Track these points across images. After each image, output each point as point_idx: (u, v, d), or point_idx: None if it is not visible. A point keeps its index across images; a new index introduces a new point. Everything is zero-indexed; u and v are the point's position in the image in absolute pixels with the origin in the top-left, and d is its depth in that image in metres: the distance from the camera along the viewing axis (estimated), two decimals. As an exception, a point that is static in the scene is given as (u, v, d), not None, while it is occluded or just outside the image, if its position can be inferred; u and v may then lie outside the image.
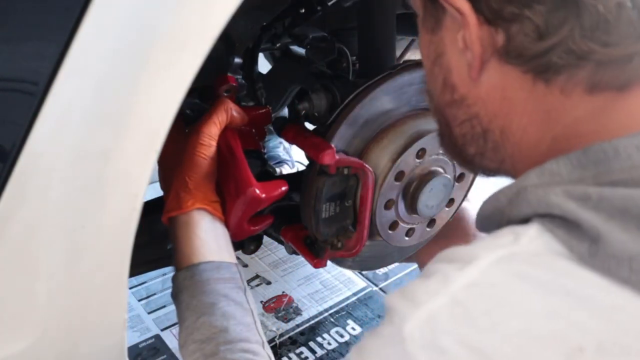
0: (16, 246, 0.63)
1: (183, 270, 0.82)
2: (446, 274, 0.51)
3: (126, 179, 0.65)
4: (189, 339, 0.77)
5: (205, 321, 0.77)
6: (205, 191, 0.85)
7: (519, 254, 0.50)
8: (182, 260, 0.83)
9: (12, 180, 0.59)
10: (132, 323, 1.51)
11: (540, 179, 0.53)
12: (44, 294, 0.67)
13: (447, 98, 0.64)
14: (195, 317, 0.78)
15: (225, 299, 0.79)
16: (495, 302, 0.48)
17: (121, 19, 0.56)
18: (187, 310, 0.79)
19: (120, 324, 0.75)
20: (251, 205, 0.86)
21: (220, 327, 0.76)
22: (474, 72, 0.58)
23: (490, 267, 0.50)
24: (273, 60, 1.49)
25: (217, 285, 0.80)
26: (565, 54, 0.52)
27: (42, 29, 0.55)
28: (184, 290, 0.81)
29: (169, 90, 0.62)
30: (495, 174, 0.68)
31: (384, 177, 0.90)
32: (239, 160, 0.86)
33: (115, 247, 0.69)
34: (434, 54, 0.63)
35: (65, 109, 0.58)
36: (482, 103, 0.60)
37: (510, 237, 0.51)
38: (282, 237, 1.00)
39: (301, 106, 0.92)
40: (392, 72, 0.88)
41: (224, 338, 0.75)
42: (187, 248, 0.83)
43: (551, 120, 0.56)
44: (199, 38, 0.61)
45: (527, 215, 0.53)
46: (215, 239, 0.85)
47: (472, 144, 0.64)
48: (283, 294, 1.64)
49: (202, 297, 0.79)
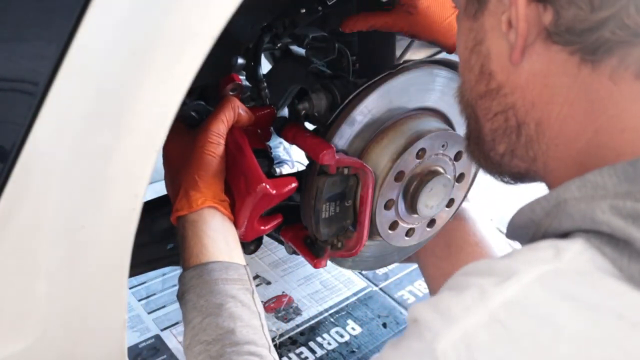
0: (16, 246, 0.63)
1: (191, 269, 0.80)
2: (483, 289, 0.48)
3: (126, 179, 0.65)
4: (195, 340, 0.75)
5: (212, 322, 0.75)
6: (215, 190, 0.84)
7: (563, 271, 0.47)
8: (190, 259, 0.81)
9: (12, 180, 0.59)
10: (132, 323, 1.50)
11: (581, 191, 0.50)
12: (44, 294, 0.67)
13: (481, 88, 0.61)
14: (202, 317, 0.76)
15: (233, 300, 0.77)
16: (540, 323, 0.45)
17: (121, 19, 0.56)
18: (193, 310, 0.77)
19: (120, 324, 0.75)
20: (262, 202, 0.85)
21: (227, 328, 0.74)
22: (516, 54, 0.55)
23: (533, 284, 0.46)
24: (273, 60, 1.49)
25: (225, 286, 0.78)
26: (618, 29, 0.48)
27: (42, 29, 0.55)
28: (191, 290, 0.79)
29: (169, 89, 0.62)
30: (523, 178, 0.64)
31: (384, 177, 0.90)
32: (249, 157, 0.86)
33: (115, 247, 0.69)
34: (472, 41, 0.61)
35: (65, 109, 0.58)
36: (520, 92, 0.57)
37: (550, 251, 0.48)
38: (282, 237, 1.00)
39: (301, 106, 0.92)
40: (392, 72, 0.88)
41: (231, 340, 0.73)
42: (196, 247, 0.81)
43: (594, 111, 0.53)
44: (199, 37, 0.61)
45: (568, 230, 0.50)
46: (225, 238, 0.84)
47: (503, 139, 0.61)
48: (283, 294, 1.64)
49: (209, 297, 0.77)
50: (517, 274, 0.47)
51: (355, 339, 1.50)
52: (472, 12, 0.60)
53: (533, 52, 0.55)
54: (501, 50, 0.58)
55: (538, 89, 0.56)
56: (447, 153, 0.95)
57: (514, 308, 0.46)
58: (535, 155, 0.59)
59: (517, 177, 0.65)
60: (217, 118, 0.86)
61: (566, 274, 0.47)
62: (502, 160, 0.63)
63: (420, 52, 1.51)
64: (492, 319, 0.46)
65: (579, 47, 0.51)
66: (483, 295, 0.47)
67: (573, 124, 0.55)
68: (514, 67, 0.57)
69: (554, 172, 0.57)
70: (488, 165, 0.66)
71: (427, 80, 0.93)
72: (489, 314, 0.46)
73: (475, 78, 0.62)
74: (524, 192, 0.69)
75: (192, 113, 0.94)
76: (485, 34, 0.59)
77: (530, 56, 0.55)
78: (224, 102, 0.88)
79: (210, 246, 0.81)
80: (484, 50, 0.60)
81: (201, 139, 0.85)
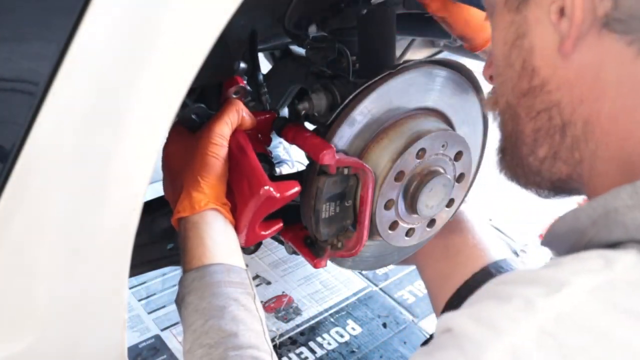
0: (16, 246, 0.63)
1: (192, 271, 0.78)
2: (529, 300, 0.45)
3: (126, 179, 0.65)
4: (196, 343, 0.73)
5: (214, 325, 0.73)
6: (217, 192, 0.83)
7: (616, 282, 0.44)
8: (191, 261, 0.79)
9: (12, 180, 0.59)
10: (132, 323, 1.51)
11: (634, 199, 0.46)
12: (44, 294, 0.67)
13: (523, 86, 0.58)
14: (204, 320, 0.74)
15: (236, 303, 0.76)
16: (595, 337, 0.42)
17: (121, 19, 0.56)
18: (195, 313, 0.75)
19: (120, 324, 0.75)
20: (265, 206, 0.85)
21: (229, 331, 0.72)
22: (568, 44, 0.52)
23: (585, 296, 0.44)
24: (273, 60, 1.49)
25: (228, 289, 0.77)
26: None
27: (42, 29, 0.55)
28: (192, 292, 0.77)
29: (169, 89, 0.62)
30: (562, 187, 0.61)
31: (384, 177, 0.90)
32: (252, 160, 0.85)
33: (115, 247, 0.69)
34: (513, 35, 0.58)
35: (65, 109, 0.58)
36: (568, 87, 0.54)
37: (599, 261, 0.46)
38: (282, 237, 1.00)
39: (301, 106, 0.91)
40: (392, 72, 0.88)
41: (234, 343, 0.72)
42: (198, 249, 0.79)
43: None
44: (199, 37, 0.61)
45: (618, 240, 0.47)
46: (227, 241, 0.83)
47: (546, 141, 0.57)
48: (283, 294, 1.64)
49: (212, 299, 0.75)
50: (567, 285, 0.45)
51: (355, 339, 1.50)
52: (515, 4, 0.57)
53: (585, 44, 0.52)
54: (547, 43, 0.55)
55: (588, 84, 0.53)
56: (447, 153, 0.95)
57: (566, 321, 0.43)
58: (581, 157, 0.56)
59: (557, 185, 0.61)
60: (221, 120, 0.85)
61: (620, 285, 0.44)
62: (542, 166, 0.60)
63: (420, 52, 1.51)
64: (542, 331, 0.43)
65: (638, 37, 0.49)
66: (530, 306, 0.45)
67: (624, 122, 0.52)
68: (561, 60, 0.54)
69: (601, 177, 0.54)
70: (525, 174, 0.62)
71: (427, 80, 0.93)
72: (537, 326, 0.43)
73: (517, 75, 0.59)
74: (524, 192, 0.68)
75: (193, 116, 0.93)
76: (529, 27, 0.57)
77: (582, 48, 0.52)
78: (227, 105, 0.87)
79: (213, 248, 0.80)
80: (526, 44, 0.57)
81: (204, 140, 0.84)
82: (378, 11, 0.96)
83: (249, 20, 1.02)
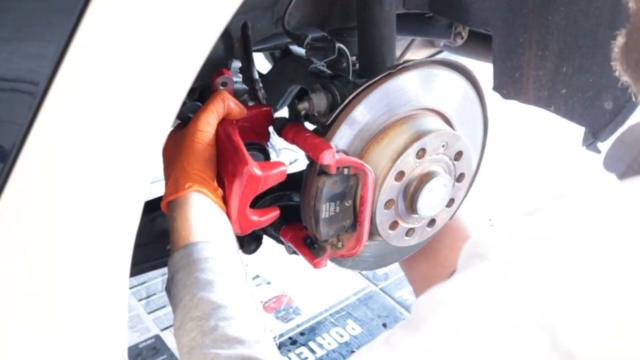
0: (16, 246, 0.63)
1: (180, 249, 0.78)
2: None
3: (126, 179, 0.65)
4: (186, 317, 0.72)
5: (204, 297, 0.72)
6: (203, 176, 0.85)
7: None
8: (178, 240, 0.79)
9: (12, 180, 0.59)
10: (132, 323, 1.51)
11: None
12: (44, 293, 0.67)
13: None
14: (192, 294, 0.72)
15: (225, 277, 0.75)
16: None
17: (121, 19, 0.56)
18: (184, 289, 0.74)
19: (120, 324, 0.75)
20: (250, 186, 0.86)
21: (220, 302, 0.71)
22: None
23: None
24: (273, 60, 1.49)
25: (215, 264, 0.76)
26: None
27: (42, 29, 0.55)
28: (181, 270, 0.76)
29: (170, 89, 0.62)
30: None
31: (384, 177, 0.90)
32: (236, 143, 0.87)
33: (115, 247, 0.69)
34: None
35: (65, 109, 0.58)
36: None
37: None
38: (282, 237, 1.00)
39: (301, 106, 0.91)
40: (392, 72, 0.88)
41: (225, 314, 0.70)
42: (184, 228, 0.79)
43: None
44: (199, 37, 0.61)
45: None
46: (215, 221, 0.83)
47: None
48: (283, 294, 1.64)
49: (199, 274, 0.74)
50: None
51: (355, 339, 1.50)
52: None
53: None
54: None
55: None
56: (447, 153, 0.95)
57: None
58: None
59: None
60: (206, 109, 0.88)
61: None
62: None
63: (420, 52, 1.51)
64: None
65: None
66: None
67: None
68: None
69: None
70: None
71: (427, 80, 0.93)
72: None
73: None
74: (524, 192, 0.68)
75: (190, 115, 0.94)
76: None
77: None
78: (214, 95, 0.90)
79: (199, 227, 0.80)
80: None
81: (191, 128, 0.87)
82: (378, 11, 0.96)
83: (249, 20, 1.02)
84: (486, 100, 1.02)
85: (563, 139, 1.96)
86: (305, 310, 1.58)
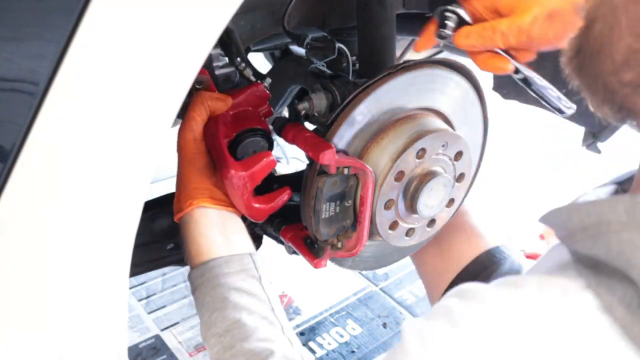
0: (16, 246, 0.63)
1: (194, 269, 0.84)
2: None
3: (126, 179, 0.65)
4: (209, 334, 0.80)
5: (219, 316, 0.79)
6: (202, 187, 0.86)
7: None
8: (192, 260, 0.85)
9: (12, 180, 0.59)
10: (132, 323, 1.51)
11: (629, 215, 0.40)
12: (44, 293, 0.67)
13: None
14: (210, 313, 0.80)
15: (237, 292, 0.81)
16: None
17: (121, 19, 0.56)
18: (202, 307, 0.82)
19: (120, 324, 0.75)
20: (240, 186, 0.86)
21: (233, 319, 0.78)
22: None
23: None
24: (273, 60, 1.49)
25: (227, 279, 0.81)
26: None
27: (42, 29, 0.55)
28: (197, 289, 0.83)
29: (170, 88, 0.62)
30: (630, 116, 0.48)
31: (384, 177, 0.90)
32: (218, 147, 0.87)
33: (115, 247, 0.69)
34: None
35: (65, 109, 0.58)
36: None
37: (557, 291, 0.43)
38: (282, 237, 1.00)
39: (301, 106, 0.91)
40: (392, 72, 0.88)
41: (240, 329, 0.77)
42: (193, 248, 0.85)
43: None
44: (200, 36, 0.61)
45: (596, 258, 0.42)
46: (222, 232, 0.86)
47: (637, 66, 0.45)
48: (283, 294, 1.64)
49: (213, 292, 0.81)
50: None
51: (355, 339, 1.50)
52: None
53: None
54: None
55: None
56: (447, 153, 0.95)
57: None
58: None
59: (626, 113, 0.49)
60: (188, 117, 0.88)
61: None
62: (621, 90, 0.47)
63: (421, 52, 1.51)
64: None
65: None
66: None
67: None
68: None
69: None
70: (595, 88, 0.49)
71: (427, 80, 0.93)
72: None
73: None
74: (524, 192, 0.68)
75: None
76: None
77: None
78: (192, 100, 0.89)
79: (206, 245, 0.84)
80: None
81: (179, 141, 0.88)
82: (378, 11, 0.96)
83: (249, 20, 1.02)
84: (486, 100, 1.02)
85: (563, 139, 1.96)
86: (305, 310, 1.58)
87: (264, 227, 1.03)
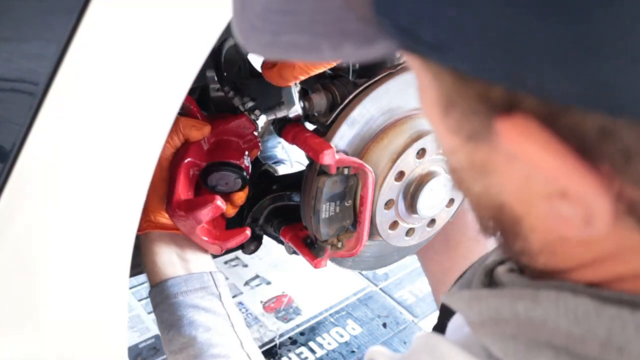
0: (16, 246, 0.63)
1: (154, 287, 0.87)
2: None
3: (126, 179, 0.65)
4: (167, 350, 0.84)
5: (175, 333, 0.82)
6: (159, 215, 0.88)
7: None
8: (151, 279, 0.88)
9: (12, 180, 0.59)
10: (132, 323, 1.51)
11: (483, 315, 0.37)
12: (44, 294, 0.67)
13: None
14: (167, 330, 0.83)
15: (193, 309, 0.83)
16: None
17: (121, 19, 0.56)
18: (161, 325, 0.85)
19: (120, 324, 0.75)
20: (184, 223, 0.85)
21: (189, 336, 0.81)
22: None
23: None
24: (273, 60, 1.49)
25: (184, 298, 0.84)
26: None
27: (42, 29, 0.55)
28: (156, 307, 0.86)
29: (170, 90, 0.62)
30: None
31: (384, 177, 0.90)
32: (175, 176, 0.85)
33: (115, 247, 0.69)
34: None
35: (65, 109, 0.58)
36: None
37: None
38: (282, 237, 1.00)
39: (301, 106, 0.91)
40: (392, 72, 0.88)
41: (194, 347, 0.80)
42: (153, 267, 0.87)
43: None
44: (201, 36, 0.61)
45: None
46: (178, 253, 0.89)
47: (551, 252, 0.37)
48: (283, 294, 1.64)
49: (170, 310, 0.84)
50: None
51: (355, 339, 1.50)
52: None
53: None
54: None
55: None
56: (447, 153, 0.95)
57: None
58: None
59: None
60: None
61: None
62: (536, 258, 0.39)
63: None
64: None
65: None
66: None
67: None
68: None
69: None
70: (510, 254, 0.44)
71: (427, 80, 0.93)
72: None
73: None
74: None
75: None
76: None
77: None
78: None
79: (162, 265, 0.87)
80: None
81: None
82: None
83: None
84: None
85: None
86: (305, 310, 1.58)
87: (264, 227, 1.03)
